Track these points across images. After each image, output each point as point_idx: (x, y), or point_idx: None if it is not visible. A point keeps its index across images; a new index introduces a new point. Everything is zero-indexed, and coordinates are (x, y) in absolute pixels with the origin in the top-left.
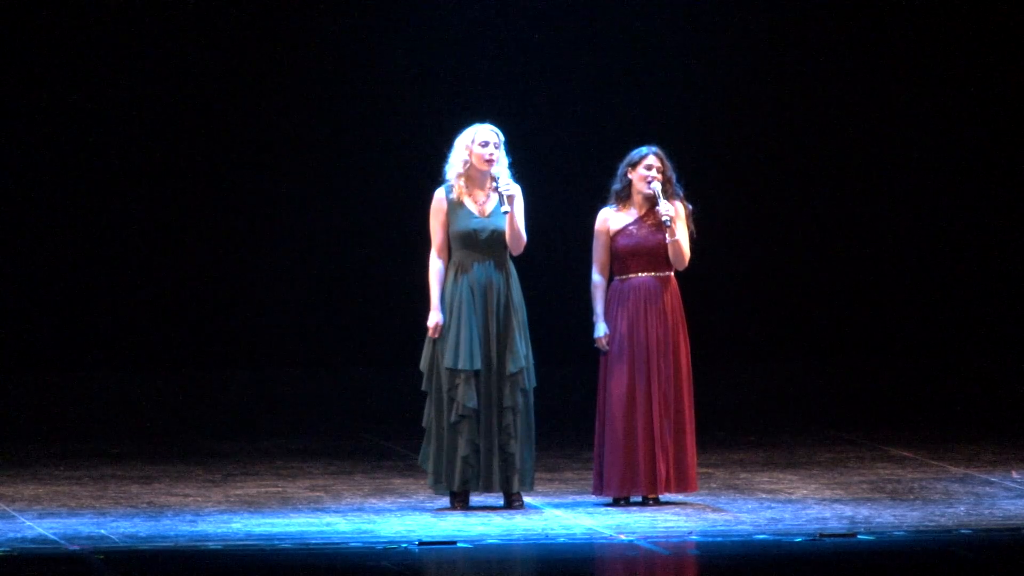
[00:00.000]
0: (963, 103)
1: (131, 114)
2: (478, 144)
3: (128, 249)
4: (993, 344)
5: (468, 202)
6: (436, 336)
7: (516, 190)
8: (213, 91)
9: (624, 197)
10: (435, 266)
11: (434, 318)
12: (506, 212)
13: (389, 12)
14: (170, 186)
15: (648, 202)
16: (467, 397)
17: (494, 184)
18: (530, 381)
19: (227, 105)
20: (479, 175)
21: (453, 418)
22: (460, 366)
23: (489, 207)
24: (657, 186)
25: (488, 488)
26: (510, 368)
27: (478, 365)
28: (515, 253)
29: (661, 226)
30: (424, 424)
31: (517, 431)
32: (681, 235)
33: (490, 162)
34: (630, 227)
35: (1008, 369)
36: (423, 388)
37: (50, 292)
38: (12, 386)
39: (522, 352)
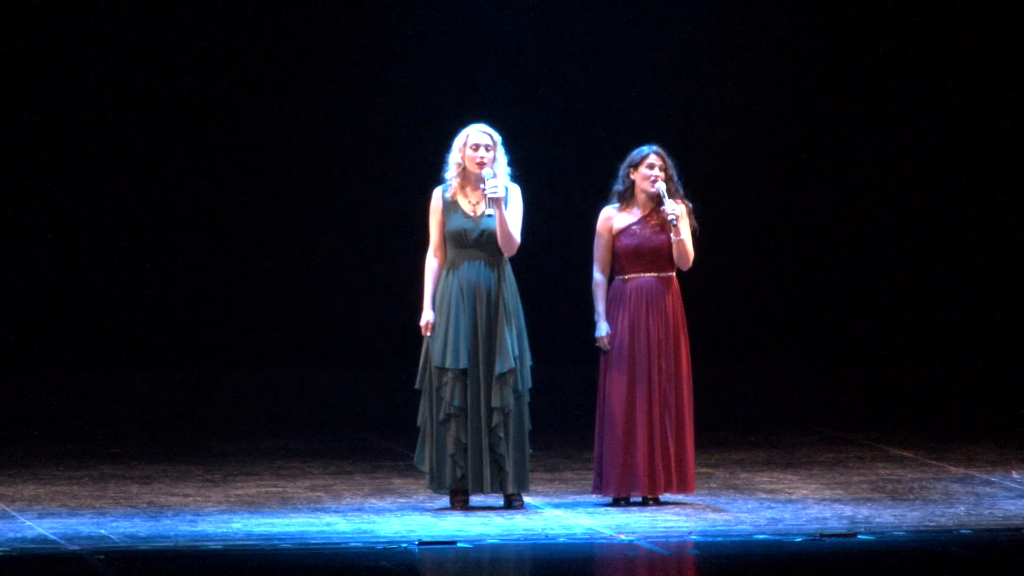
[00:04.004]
0: (962, 103)
1: (131, 114)
2: (469, 148)
3: (128, 249)
4: (993, 344)
5: (463, 202)
6: (428, 334)
7: (516, 192)
8: (213, 93)
9: (627, 198)
10: (430, 265)
11: (425, 316)
12: (490, 215)
13: (389, 11)
14: (169, 186)
15: (652, 202)
16: (453, 396)
17: (481, 186)
18: (524, 383)
19: (227, 105)
20: (473, 176)
21: (441, 416)
22: (447, 364)
23: (482, 208)
24: (662, 186)
25: (479, 489)
26: (499, 368)
27: (464, 364)
28: (507, 254)
29: (666, 225)
30: (419, 423)
31: (508, 432)
32: (685, 235)
33: (480, 165)
34: (633, 227)
35: (1008, 369)
36: (416, 386)
37: (50, 292)
38: (12, 386)
39: (513, 353)
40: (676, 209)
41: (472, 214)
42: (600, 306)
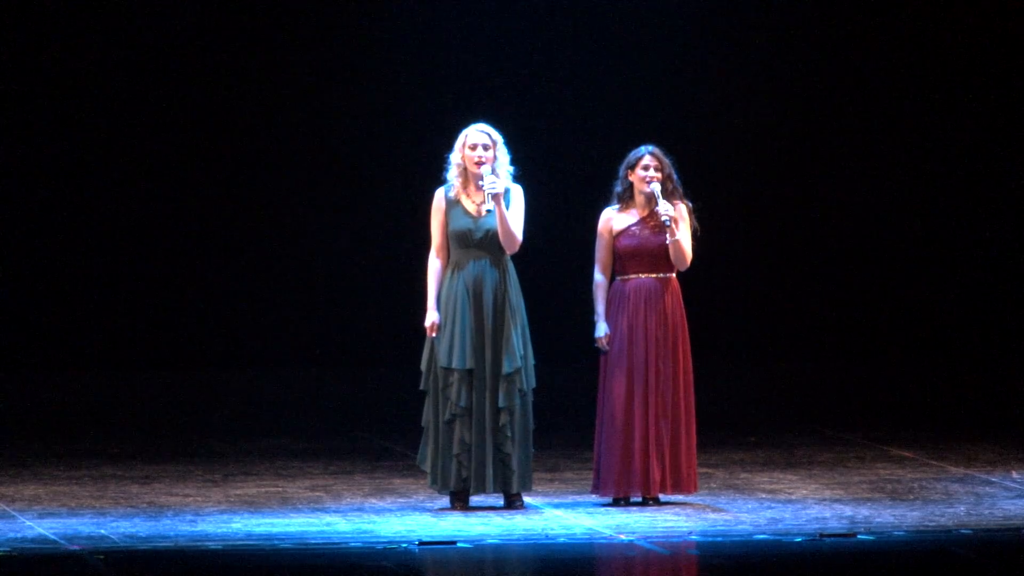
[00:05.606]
0: (962, 104)
1: (132, 115)
2: (467, 147)
3: (128, 249)
4: (993, 344)
5: (465, 202)
6: (434, 335)
7: (517, 191)
8: (212, 93)
9: (626, 199)
10: (433, 265)
11: (430, 318)
12: (489, 210)
13: (390, 11)
14: (169, 186)
15: (650, 203)
16: (459, 396)
17: (480, 183)
18: (528, 382)
19: (226, 106)
20: (473, 176)
21: (446, 416)
22: (453, 365)
23: (485, 207)
24: (656, 186)
25: (482, 489)
26: (505, 368)
27: (470, 364)
28: (509, 252)
29: (662, 226)
30: (423, 423)
31: (514, 432)
32: (682, 235)
33: (478, 164)
34: (632, 228)
35: (1008, 369)
36: (422, 387)
37: (50, 292)
38: (12, 386)
39: (518, 352)
40: (669, 210)
41: (475, 214)
42: (600, 307)
